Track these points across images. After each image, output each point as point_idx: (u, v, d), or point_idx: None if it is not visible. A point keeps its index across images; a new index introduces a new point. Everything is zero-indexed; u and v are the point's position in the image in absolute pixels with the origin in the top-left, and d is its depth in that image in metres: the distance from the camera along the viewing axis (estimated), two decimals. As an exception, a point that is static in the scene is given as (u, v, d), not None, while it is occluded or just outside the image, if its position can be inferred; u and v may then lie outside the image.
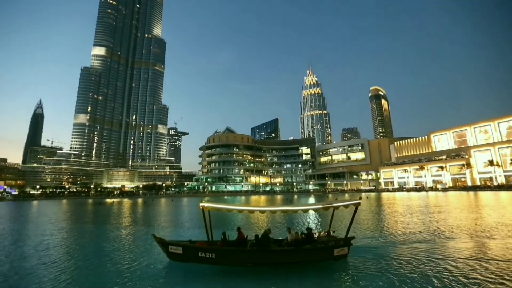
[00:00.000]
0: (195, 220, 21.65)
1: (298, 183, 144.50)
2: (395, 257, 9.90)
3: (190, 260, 9.10)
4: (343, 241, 9.47)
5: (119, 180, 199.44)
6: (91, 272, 8.97)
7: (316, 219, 22.64)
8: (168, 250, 9.42)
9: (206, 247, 9.08)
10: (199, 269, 8.72)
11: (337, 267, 8.75)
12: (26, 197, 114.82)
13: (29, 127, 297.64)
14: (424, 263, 9.11)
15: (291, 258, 9.01)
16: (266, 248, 8.98)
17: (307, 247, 9.15)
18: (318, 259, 9.22)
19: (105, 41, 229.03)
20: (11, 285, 7.85)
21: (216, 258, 8.79)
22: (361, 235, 14.71)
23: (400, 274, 8.02)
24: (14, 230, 19.64)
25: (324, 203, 10.23)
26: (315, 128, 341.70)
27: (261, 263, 8.90)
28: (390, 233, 15.14)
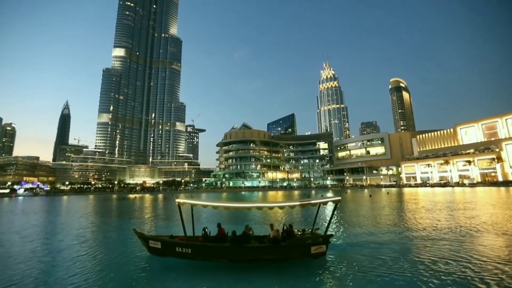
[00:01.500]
0: (212, 216, 22.06)
1: (316, 178, 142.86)
2: (381, 256, 9.49)
3: (168, 255, 9.22)
4: (321, 239, 9.16)
5: (141, 176, 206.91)
6: (115, 263, 9.42)
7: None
8: (148, 244, 9.62)
9: (183, 243, 9.16)
10: (178, 264, 8.99)
11: (314, 266, 8.52)
12: (57, 192, 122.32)
13: (58, 127, 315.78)
14: (430, 263, 8.68)
15: (267, 255, 8.93)
16: (240, 245, 8.92)
17: (282, 244, 9.00)
18: (294, 257, 9.04)
19: (124, 42, 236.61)
20: (51, 274, 8.43)
21: (192, 253, 8.92)
22: (361, 231, 14.34)
23: (380, 275, 7.69)
24: (53, 223, 21.04)
25: (302, 200, 10.01)
26: (333, 122, 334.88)
27: (236, 260, 8.90)
28: (402, 229, 14.63)
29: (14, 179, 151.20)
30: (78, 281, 7.50)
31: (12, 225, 19.53)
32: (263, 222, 18.46)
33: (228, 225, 16.26)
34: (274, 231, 9.46)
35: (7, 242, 13.00)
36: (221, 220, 18.62)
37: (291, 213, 23.39)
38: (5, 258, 10.06)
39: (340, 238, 12.81)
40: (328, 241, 9.25)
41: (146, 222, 19.87)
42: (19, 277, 7.87)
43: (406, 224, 16.09)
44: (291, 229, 9.76)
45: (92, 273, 8.19)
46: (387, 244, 11.27)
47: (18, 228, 17.89)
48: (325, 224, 16.92)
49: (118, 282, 7.47)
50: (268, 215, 22.00)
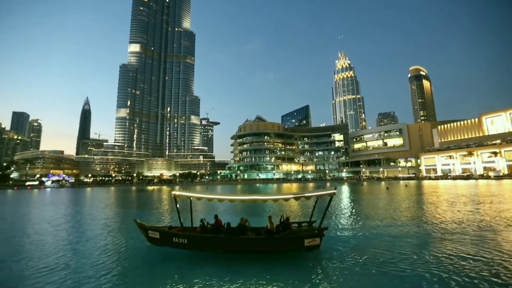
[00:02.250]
0: (228, 208, 22.50)
1: (331, 170, 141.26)
2: (376, 250, 9.33)
3: (166, 245, 9.58)
4: (316, 232, 9.15)
5: (158, 169, 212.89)
6: (138, 252, 9.93)
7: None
8: (148, 234, 10.02)
9: (179, 233, 9.45)
10: (175, 253, 9.31)
11: (307, 258, 8.58)
12: (81, 184, 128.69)
13: (80, 122, 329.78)
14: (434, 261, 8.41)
15: (260, 246, 9.01)
16: (234, 236, 9.06)
17: (276, 237, 9.04)
18: (288, 249, 9.08)
19: (139, 38, 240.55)
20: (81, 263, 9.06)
21: (188, 243, 9.19)
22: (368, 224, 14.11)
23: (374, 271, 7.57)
24: (80, 213, 22.34)
25: (295, 193, 9.92)
26: (348, 114, 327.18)
27: (230, 251, 9.05)
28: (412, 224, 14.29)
29: (42, 172, 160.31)
30: (98, 264, 8.09)
31: (44, 215, 20.89)
32: (266, 214, 18.72)
33: (232, 216, 16.62)
34: (270, 224, 9.56)
35: (41, 231, 13.98)
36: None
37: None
38: (42, 245, 10.88)
39: (349, 230, 12.76)
40: (322, 234, 9.18)
41: (163, 214, 20.60)
42: (53, 262, 8.53)
43: (427, 218, 15.73)
44: (288, 221, 9.79)
45: (104, 259, 8.90)
46: (402, 237, 11.13)
47: (49, 218, 19.13)
48: (332, 217, 16.90)
49: (117, 268, 8.00)
50: (271, 207, 22.19)
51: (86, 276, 7.38)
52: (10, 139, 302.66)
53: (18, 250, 10.25)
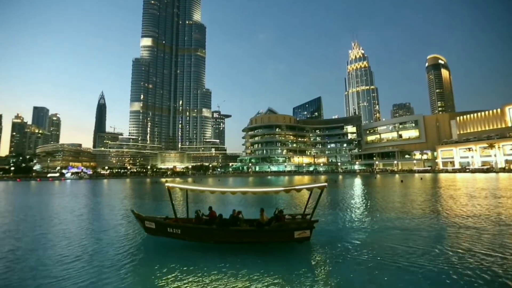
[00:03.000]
0: (242, 200, 22.80)
1: (343, 163, 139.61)
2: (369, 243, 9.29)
3: (161, 234, 9.91)
4: (306, 224, 9.26)
5: (171, 162, 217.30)
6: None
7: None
8: (144, 224, 10.40)
9: (173, 224, 9.82)
10: (170, 243, 9.64)
11: (297, 250, 8.73)
12: (98, 176, 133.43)
13: (96, 116, 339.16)
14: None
15: (251, 238, 9.21)
16: (225, 227, 9.30)
17: (266, 228, 9.21)
18: (278, 240, 9.23)
19: (151, 32, 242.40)
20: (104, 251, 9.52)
21: (181, 234, 9.51)
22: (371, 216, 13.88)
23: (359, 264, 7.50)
24: (99, 203, 23.35)
25: (286, 185, 9.93)
26: (361, 105, 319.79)
27: (222, 241, 9.25)
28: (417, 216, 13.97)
29: (62, 164, 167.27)
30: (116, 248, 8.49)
31: (67, 205, 21.94)
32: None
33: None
34: (265, 215, 9.79)
35: (65, 221, 14.74)
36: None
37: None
38: (67, 233, 11.51)
39: (357, 223, 12.67)
40: (312, 226, 9.29)
41: (177, 205, 21.14)
42: (78, 250, 9.04)
43: (443, 211, 15.36)
44: (281, 214, 9.94)
45: (108, 249, 9.26)
46: (414, 230, 10.93)
47: (72, 208, 20.09)
48: (341, 210, 16.81)
49: (115, 256, 8.38)
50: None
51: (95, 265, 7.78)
52: (32, 133, 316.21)
53: (44, 238, 10.87)
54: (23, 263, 7.80)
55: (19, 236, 11.20)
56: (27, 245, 9.79)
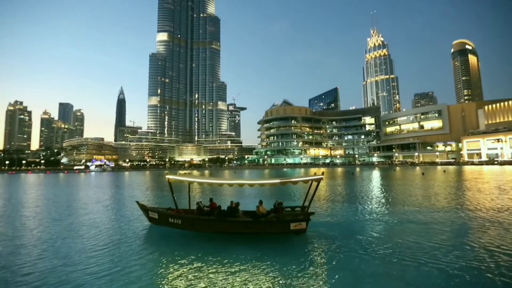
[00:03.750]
0: (259, 192, 23.06)
1: (361, 155, 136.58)
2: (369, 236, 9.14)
3: (163, 224, 10.43)
4: (302, 216, 9.36)
5: (188, 154, 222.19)
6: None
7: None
8: (148, 215, 10.96)
9: (174, 214, 10.28)
10: (172, 232, 10.03)
11: (293, 241, 8.80)
12: (120, 169, 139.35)
13: (116, 110, 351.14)
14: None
15: (248, 229, 9.39)
16: (223, 218, 9.56)
17: (262, 220, 9.37)
18: (275, 232, 9.37)
19: (166, 26, 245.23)
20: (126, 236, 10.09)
21: (181, 224, 9.99)
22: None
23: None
24: (122, 195, 24.54)
25: (282, 178, 10.05)
26: (380, 95, 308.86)
27: (220, 232, 9.53)
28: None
29: (86, 157, 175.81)
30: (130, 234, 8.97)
31: (93, 197, 23.25)
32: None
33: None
34: (263, 207, 9.93)
35: (93, 211, 15.68)
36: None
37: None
38: (96, 222, 12.29)
39: (370, 215, 12.44)
40: (308, 218, 9.35)
41: (194, 197, 21.77)
42: (104, 237, 9.66)
43: (468, 205, 14.68)
44: (280, 206, 10.06)
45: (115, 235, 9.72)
46: (433, 224, 10.58)
47: (98, 199, 21.28)
48: (356, 202, 16.58)
49: (119, 244, 8.93)
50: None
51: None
52: (59, 128, 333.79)
53: (74, 228, 11.68)
54: (56, 251, 8.46)
55: (51, 225, 12.08)
56: (59, 234, 10.56)
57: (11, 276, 6.50)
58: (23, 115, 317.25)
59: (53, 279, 6.27)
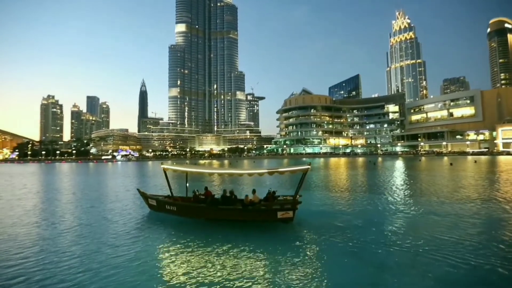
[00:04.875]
0: (276, 181, 23.25)
1: (383, 144, 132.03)
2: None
3: (161, 211, 11.13)
4: (289, 205, 9.60)
5: (208, 144, 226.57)
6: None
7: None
8: (148, 202, 11.72)
9: (170, 201, 10.91)
10: (168, 218, 10.63)
11: (279, 229, 9.06)
12: (143, 158, 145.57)
13: (139, 102, 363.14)
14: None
15: (238, 216, 9.86)
16: (214, 206, 10.07)
17: (250, 208, 9.73)
18: (263, 220, 9.72)
19: (184, 17, 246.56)
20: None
21: (176, 210, 10.65)
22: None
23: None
24: (146, 183, 25.82)
25: (270, 168, 10.31)
26: (406, 81, 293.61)
27: (211, 218, 10.06)
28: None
29: (112, 148, 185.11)
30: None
31: (122, 185, 24.69)
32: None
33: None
34: (256, 196, 10.26)
35: (123, 199, 16.71)
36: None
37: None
38: (128, 210, 13.14)
39: (389, 205, 12.05)
40: (295, 207, 9.55)
41: (214, 184, 22.41)
42: (132, 225, 10.34)
43: (505, 198, 13.77)
44: (273, 195, 10.37)
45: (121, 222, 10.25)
46: (459, 217, 10.06)
47: (126, 187, 22.58)
48: (375, 192, 16.20)
49: (119, 228, 9.70)
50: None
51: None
52: (87, 120, 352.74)
53: (107, 214, 12.58)
54: (90, 234, 9.24)
55: (88, 211, 13.10)
56: (91, 220, 11.46)
57: (61, 254, 7.22)
58: (55, 108, 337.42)
59: (89, 258, 6.90)
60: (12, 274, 5.94)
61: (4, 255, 7.12)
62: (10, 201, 15.86)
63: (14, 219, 11.27)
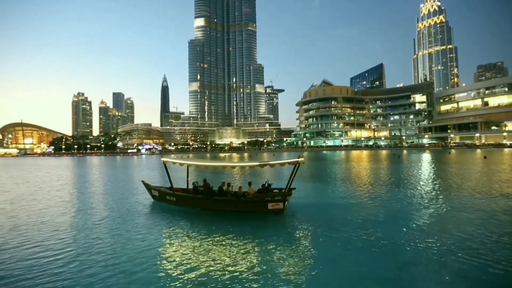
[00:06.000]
0: (278, 173, 23.12)
1: (409, 136, 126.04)
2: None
3: (162, 201, 12.06)
4: (280, 197, 9.95)
5: (228, 137, 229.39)
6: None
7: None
8: (151, 193, 12.76)
9: (170, 192, 11.68)
10: (169, 208, 11.43)
11: (270, 220, 9.41)
12: (166, 152, 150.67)
13: (160, 97, 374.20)
14: None
15: (231, 207, 10.40)
16: (209, 197, 10.76)
17: (242, 199, 10.27)
18: (254, 210, 10.17)
19: (203, 12, 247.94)
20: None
21: (176, 201, 11.43)
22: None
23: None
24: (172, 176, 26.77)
25: (260, 161, 10.71)
26: (434, 69, 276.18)
27: (207, 208, 10.69)
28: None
29: (137, 142, 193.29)
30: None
31: (147, 177, 25.86)
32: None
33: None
34: (250, 188, 10.86)
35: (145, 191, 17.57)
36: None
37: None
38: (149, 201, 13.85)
39: (410, 199, 11.54)
40: (285, 199, 9.94)
41: (235, 177, 22.78)
42: (159, 215, 10.89)
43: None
44: (264, 187, 10.79)
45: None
46: (492, 213, 9.47)
47: (152, 180, 23.63)
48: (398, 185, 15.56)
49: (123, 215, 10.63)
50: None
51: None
52: (114, 115, 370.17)
53: (136, 204, 13.32)
54: (118, 222, 9.87)
55: (116, 203, 13.96)
56: (122, 210, 12.21)
57: (99, 237, 7.86)
58: (85, 105, 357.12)
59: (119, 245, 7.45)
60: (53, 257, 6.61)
61: (48, 237, 7.88)
62: (49, 191, 17.26)
63: (52, 207, 12.29)
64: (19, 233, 8.50)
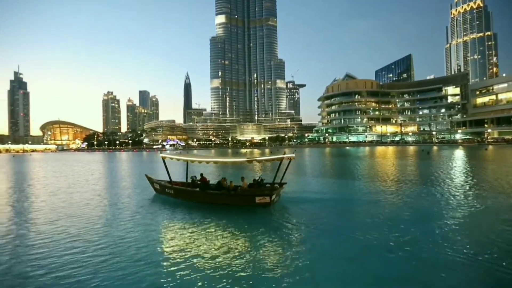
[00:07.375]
0: (317, 168, 22.84)
1: (440, 131, 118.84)
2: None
3: (162, 194, 12.92)
4: (267, 191, 10.35)
5: (249, 133, 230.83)
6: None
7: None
8: (153, 186, 13.66)
9: (169, 185, 12.41)
10: (169, 200, 12.19)
11: (257, 213, 9.84)
12: (189, 148, 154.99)
13: (183, 95, 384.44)
14: None
15: (222, 200, 10.92)
16: (203, 190, 11.41)
17: (232, 193, 10.79)
18: (243, 204, 10.64)
19: (224, 8, 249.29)
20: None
21: (174, 194, 12.16)
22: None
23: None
24: (195, 171, 27.68)
25: (248, 157, 11.25)
26: (470, 59, 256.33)
27: (201, 201, 11.35)
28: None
29: (162, 138, 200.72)
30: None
31: (173, 172, 26.90)
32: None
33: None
34: (243, 183, 11.31)
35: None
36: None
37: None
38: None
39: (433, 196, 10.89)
40: (271, 193, 10.24)
41: (256, 172, 22.98)
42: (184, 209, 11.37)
43: None
44: (260, 182, 11.35)
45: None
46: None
47: (178, 175, 24.58)
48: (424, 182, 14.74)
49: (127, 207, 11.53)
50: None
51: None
52: (140, 112, 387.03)
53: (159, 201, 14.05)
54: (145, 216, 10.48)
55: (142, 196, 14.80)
56: (150, 205, 12.93)
57: (138, 230, 8.44)
58: (114, 103, 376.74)
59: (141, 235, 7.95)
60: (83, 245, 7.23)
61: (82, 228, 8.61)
62: (84, 185, 18.64)
63: (87, 200, 13.30)
64: (56, 226, 9.14)
